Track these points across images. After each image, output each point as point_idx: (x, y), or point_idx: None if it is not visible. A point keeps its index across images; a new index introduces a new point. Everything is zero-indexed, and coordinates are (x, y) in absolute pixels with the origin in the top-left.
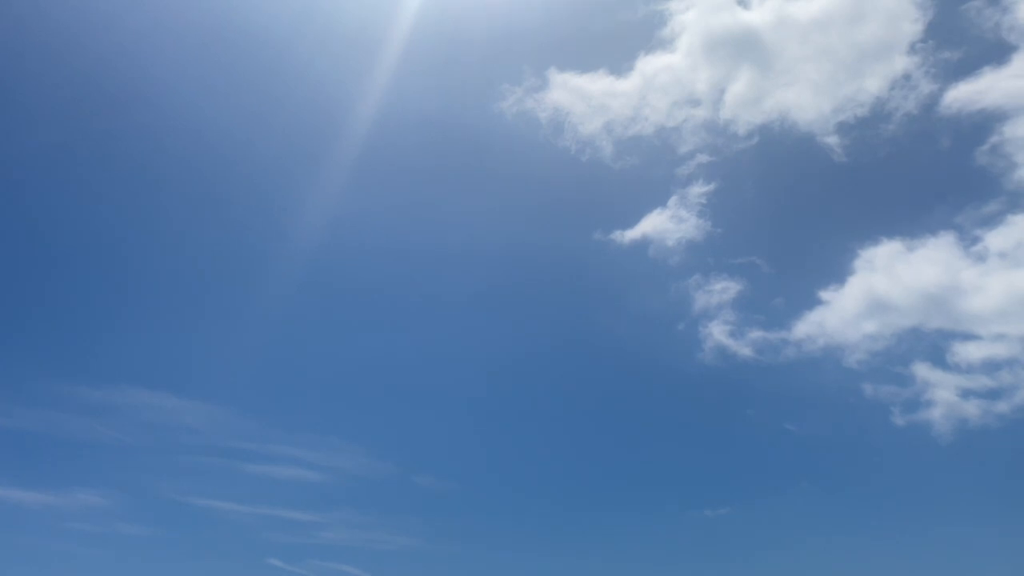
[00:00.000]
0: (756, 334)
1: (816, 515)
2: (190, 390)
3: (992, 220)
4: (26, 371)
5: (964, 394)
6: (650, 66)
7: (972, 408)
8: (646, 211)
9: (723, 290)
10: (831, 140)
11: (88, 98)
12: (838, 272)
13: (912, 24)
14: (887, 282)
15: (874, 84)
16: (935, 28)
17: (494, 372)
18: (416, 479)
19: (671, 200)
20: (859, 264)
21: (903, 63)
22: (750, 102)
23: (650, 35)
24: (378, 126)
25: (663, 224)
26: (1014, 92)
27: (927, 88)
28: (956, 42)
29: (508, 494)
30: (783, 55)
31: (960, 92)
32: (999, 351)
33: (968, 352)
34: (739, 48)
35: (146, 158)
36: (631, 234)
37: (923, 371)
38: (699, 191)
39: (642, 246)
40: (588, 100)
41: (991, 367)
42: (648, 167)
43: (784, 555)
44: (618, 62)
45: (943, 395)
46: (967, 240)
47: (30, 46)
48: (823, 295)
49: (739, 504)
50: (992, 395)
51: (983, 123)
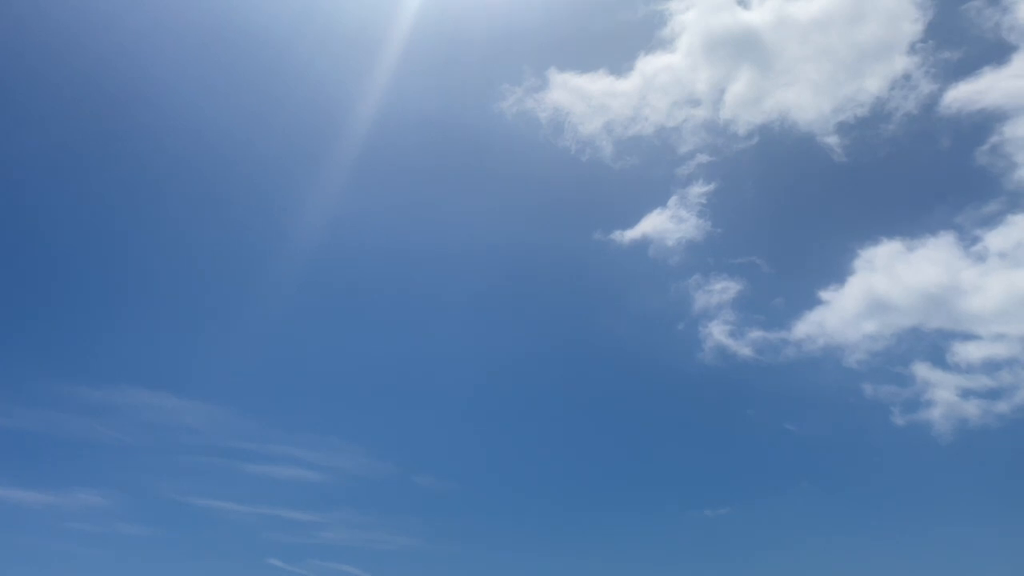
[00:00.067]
0: (756, 334)
1: (816, 515)
2: (190, 390)
3: (992, 220)
4: (26, 371)
5: (964, 394)
6: (650, 66)
7: (972, 408)
8: (646, 211)
9: (723, 290)
10: (831, 140)
11: (88, 98)
12: (838, 272)
13: (912, 24)
14: (887, 282)
15: (874, 84)
16: (935, 28)
17: (494, 372)
18: (416, 479)
19: (671, 200)
20: (859, 264)
21: (903, 63)
22: (750, 102)
23: (650, 35)
24: (378, 126)
25: (663, 224)
26: (1014, 92)
27: (927, 88)
28: (956, 42)
29: (508, 494)
30: (783, 55)
31: (960, 92)
32: (999, 351)
33: (968, 352)
34: (739, 48)
35: (146, 158)
36: (631, 234)
37: (923, 371)
38: (699, 191)
39: (642, 246)
40: (588, 100)
41: (991, 367)
42: (648, 167)
43: (784, 555)
44: (618, 62)
45: (943, 395)
46: (967, 240)
47: (30, 46)
48: (823, 295)
49: (739, 504)
50: (992, 395)
51: (983, 123)
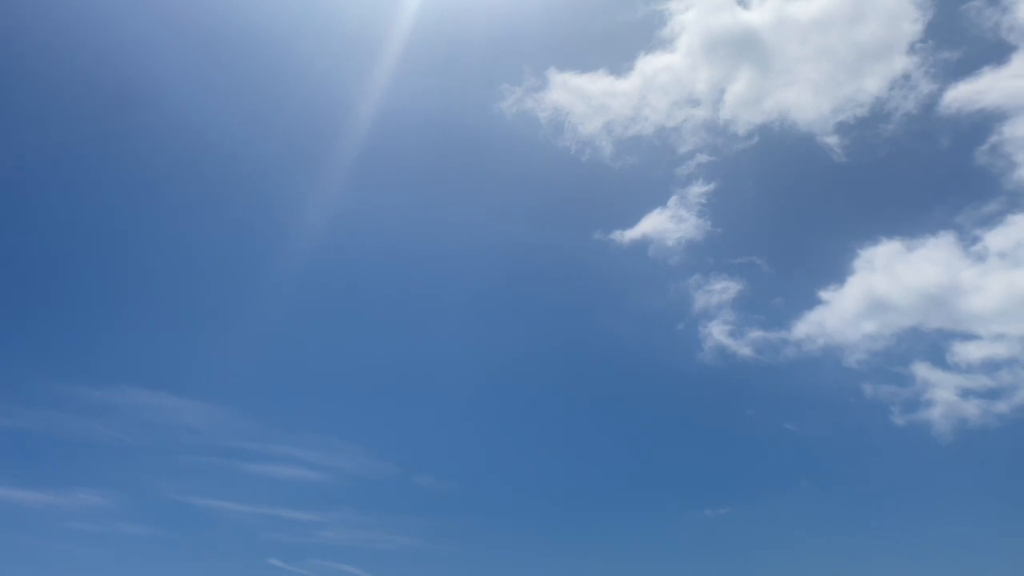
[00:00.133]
0: (756, 334)
1: (816, 515)
2: (190, 390)
3: (992, 220)
4: (26, 371)
5: (964, 394)
6: (650, 66)
7: (972, 408)
8: (646, 211)
9: (723, 290)
10: (831, 140)
11: (88, 97)
12: (838, 272)
13: (912, 24)
14: (887, 282)
15: (874, 84)
16: (935, 28)
17: (494, 372)
18: (416, 479)
19: (671, 200)
20: (859, 264)
21: (903, 63)
22: (750, 102)
23: (650, 35)
24: (378, 126)
25: (663, 224)
26: (1014, 92)
27: (927, 88)
28: (956, 42)
29: (508, 494)
30: (783, 55)
31: (960, 92)
32: (999, 351)
33: (968, 352)
34: (739, 48)
35: (146, 158)
36: (631, 234)
37: (923, 371)
38: (699, 191)
39: (642, 246)
40: (588, 100)
41: (991, 367)
42: (648, 167)
43: (784, 555)
44: (618, 62)
45: (943, 395)
46: (967, 240)
47: (30, 45)
48: (823, 295)
49: (739, 504)
50: (992, 395)
51: (983, 123)
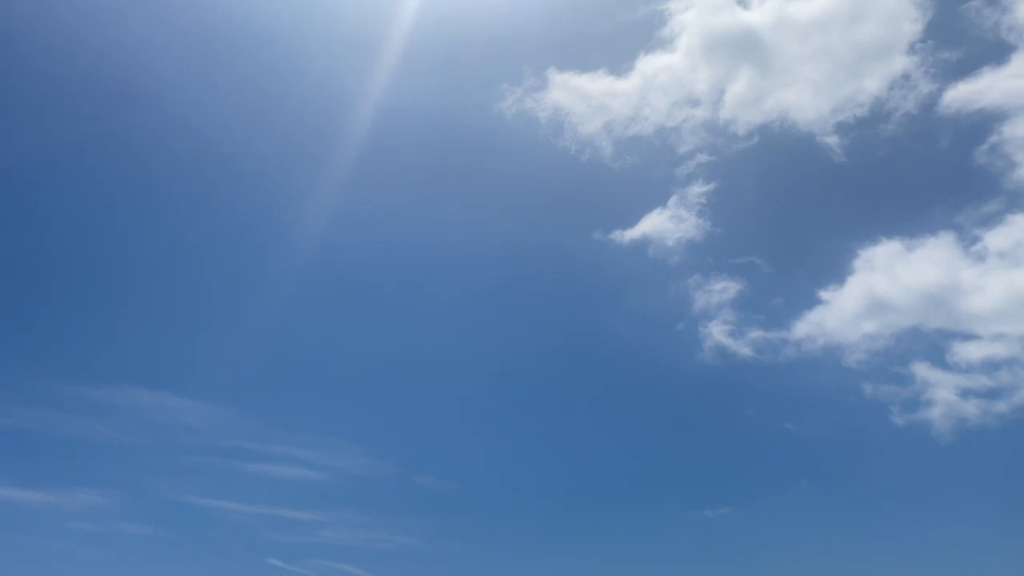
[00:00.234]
0: (756, 334)
1: (816, 515)
2: (190, 390)
3: (992, 220)
4: (26, 371)
5: (964, 394)
6: (650, 66)
7: (972, 408)
8: (646, 211)
9: (723, 290)
10: (831, 140)
11: (88, 96)
12: (838, 272)
13: (911, 24)
14: (887, 282)
15: (873, 84)
16: (934, 28)
17: (494, 372)
18: (416, 479)
19: (671, 200)
20: (859, 264)
21: (902, 63)
22: (750, 102)
23: (650, 35)
24: (378, 126)
25: (663, 224)
26: (1013, 92)
27: (926, 88)
28: (956, 42)
29: (508, 494)
30: (783, 55)
31: (959, 92)
32: (999, 351)
33: (968, 352)
34: (739, 48)
35: (146, 157)
36: (631, 234)
37: (923, 371)
38: (699, 191)
39: (642, 246)
40: (588, 100)
41: (991, 367)
42: (648, 167)
43: (784, 555)
44: (618, 62)
45: (943, 395)
46: (967, 240)
47: (31, 44)
48: (823, 295)
49: (739, 504)
50: (992, 395)
51: (982, 123)
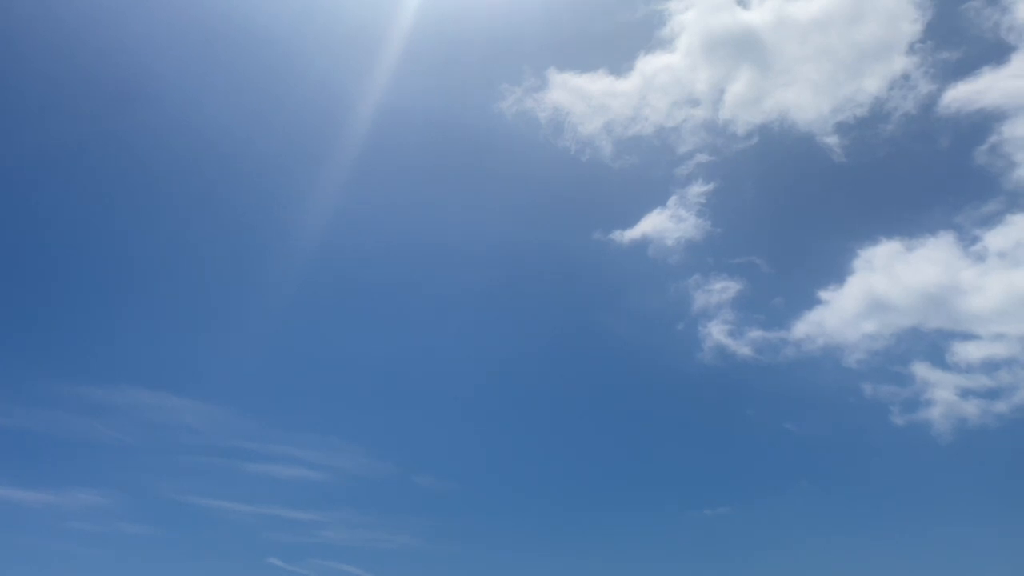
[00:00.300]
0: (756, 334)
1: (816, 515)
2: (190, 390)
3: (991, 220)
4: (26, 371)
5: (964, 394)
6: (650, 66)
7: (972, 408)
8: (646, 211)
9: (723, 290)
10: (830, 140)
11: (89, 96)
12: (838, 272)
13: (911, 24)
14: (886, 282)
15: (873, 84)
16: (934, 28)
17: (494, 372)
18: (416, 479)
19: (671, 200)
20: (859, 264)
21: (902, 63)
22: (750, 102)
23: (650, 35)
24: (378, 126)
25: (663, 224)
26: (1013, 92)
27: (926, 88)
28: (955, 42)
29: (508, 494)
30: (783, 55)
31: (959, 92)
32: (999, 351)
33: (968, 352)
34: (739, 48)
35: (147, 157)
36: (631, 234)
37: (923, 371)
38: (699, 191)
39: (642, 246)
40: (588, 100)
41: (991, 367)
42: (648, 167)
43: (784, 555)
44: (618, 62)
45: (943, 395)
46: (966, 240)
47: (32, 44)
48: (823, 295)
49: (739, 504)
50: (992, 395)
51: (982, 123)
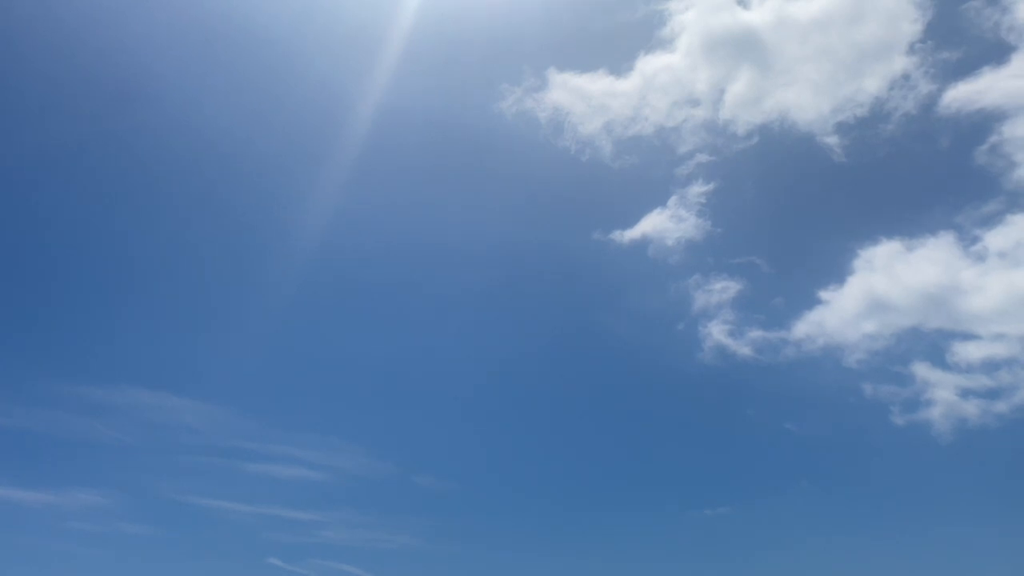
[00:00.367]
0: (756, 334)
1: (816, 515)
2: (190, 390)
3: (992, 220)
4: (26, 371)
5: (964, 394)
6: (650, 66)
7: (972, 408)
8: (646, 211)
9: (723, 290)
10: (831, 140)
11: (89, 97)
12: (838, 272)
13: (911, 24)
14: (887, 282)
15: (873, 84)
16: (934, 28)
17: (494, 372)
18: (416, 479)
19: (671, 200)
20: (859, 264)
21: (902, 63)
22: (750, 102)
23: (650, 35)
24: (378, 126)
25: (663, 224)
26: (1013, 92)
27: (926, 88)
28: (955, 42)
29: (508, 494)
30: (783, 55)
31: (959, 92)
32: (999, 351)
33: (968, 352)
34: (739, 48)
35: (146, 157)
36: (631, 234)
37: (923, 371)
38: (699, 191)
39: (642, 246)
40: (588, 100)
41: (991, 367)
42: (648, 167)
43: (784, 555)
44: (618, 62)
45: (943, 395)
46: (967, 240)
47: (32, 44)
48: (823, 295)
49: (739, 504)
50: (992, 395)
51: (982, 123)
